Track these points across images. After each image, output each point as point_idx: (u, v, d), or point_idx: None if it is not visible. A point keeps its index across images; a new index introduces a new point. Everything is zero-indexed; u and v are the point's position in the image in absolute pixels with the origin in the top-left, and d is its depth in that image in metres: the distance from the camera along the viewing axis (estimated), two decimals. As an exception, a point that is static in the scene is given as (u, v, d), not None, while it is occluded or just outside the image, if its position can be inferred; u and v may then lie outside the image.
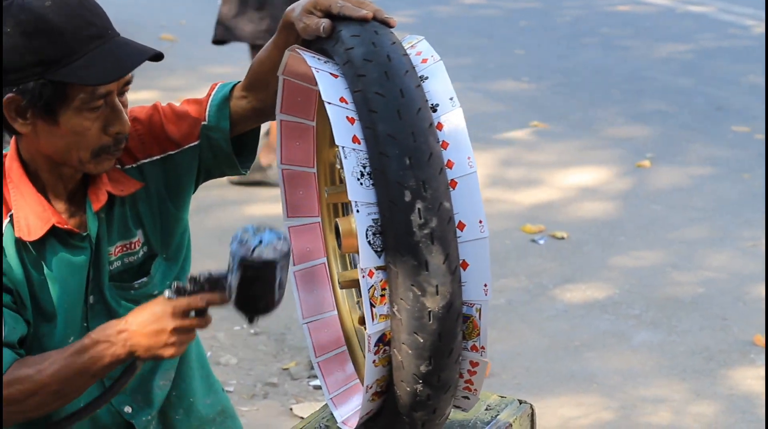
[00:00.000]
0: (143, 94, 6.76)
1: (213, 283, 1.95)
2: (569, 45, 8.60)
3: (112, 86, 2.00)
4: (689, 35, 8.86)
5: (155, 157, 2.18)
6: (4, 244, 2.04)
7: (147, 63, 2.05)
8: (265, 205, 5.43)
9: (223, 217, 5.23)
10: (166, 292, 1.96)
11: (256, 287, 1.88)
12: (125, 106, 2.06)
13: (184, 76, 7.48)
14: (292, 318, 4.25)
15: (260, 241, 1.85)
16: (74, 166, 2.06)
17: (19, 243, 2.05)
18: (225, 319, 4.33)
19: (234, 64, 7.41)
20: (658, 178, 5.86)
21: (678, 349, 4.15)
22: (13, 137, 2.09)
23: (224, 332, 4.26)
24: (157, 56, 2.03)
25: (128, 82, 2.05)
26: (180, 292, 1.96)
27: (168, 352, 1.96)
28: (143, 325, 1.95)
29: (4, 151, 2.13)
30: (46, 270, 2.09)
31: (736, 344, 4.17)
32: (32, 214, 2.05)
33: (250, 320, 1.94)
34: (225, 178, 4.75)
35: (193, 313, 1.97)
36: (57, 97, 1.97)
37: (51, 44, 1.95)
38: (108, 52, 1.98)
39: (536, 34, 8.95)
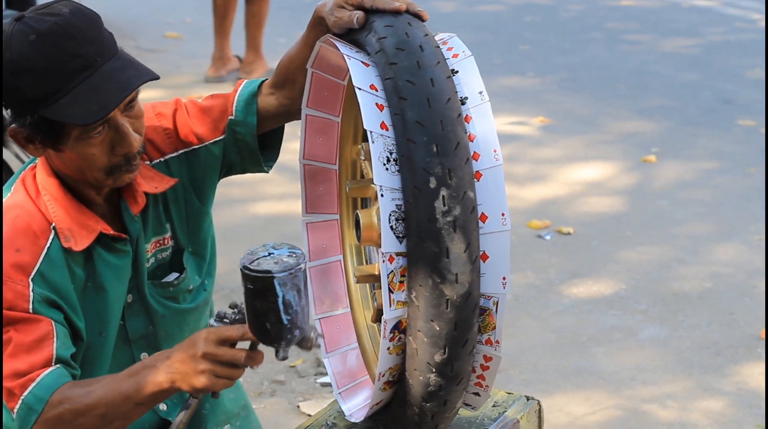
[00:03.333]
0: (149, 93, 6.75)
1: None
2: (574, 40, 8.59)
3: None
4: (695, 29, 8.84)
5: (180, 152, 2.19)
6: (52, 258, 2.01)
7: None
8: (270, 204, 5.43)
9: (228, 215, 5.22)
10: (210, 320, 1.90)
11: (258, 303, 1.77)
12: (137, 116, 2.03)
13: (189, 74, 7.48)
14: (298, 315, 4.25)
15: (269, 254, 1.78)
16: (93, 184, 2.06)
17: (68, 255, 2.03)
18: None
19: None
20: (663, 172, 5.85)
21: (685, 344, 4.15)
22: None
23: (231, 330, 4.26)
24: (151, 79, 2.00)
25: (132, 99, 2.01)
26: (222, 319, 1.88)
27: (200, 381, 1.85)
28: (182, 350, 1.88)
29: (30, 164, 2.12)
30: (95, 279, 2.08)
31: (743, 339, 4.17)
32: (75, 224, 2.04)
33: (276, 352, 1.83)
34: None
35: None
36: (55, 131, 1.96)
37: (36, 83, 1.93)
38: (92, 87, 1.94)
39: (541, 30, 8.94)
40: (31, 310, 1.96)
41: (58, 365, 1.95)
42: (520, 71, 7.75)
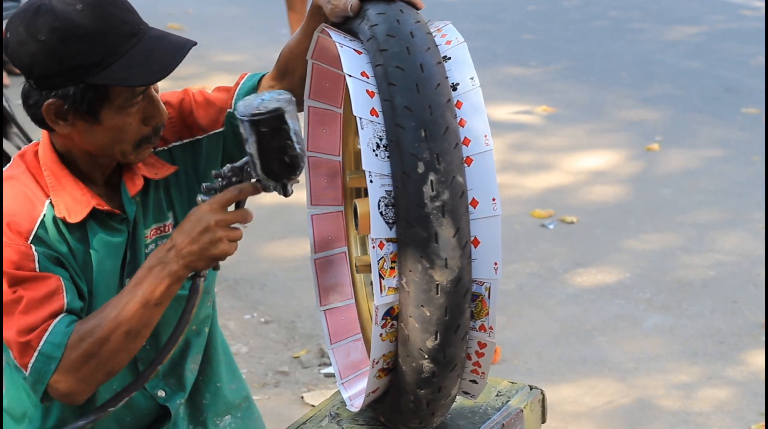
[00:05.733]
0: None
1: (238, 171, 1.93)
2: (578, 29, 8.58)
3: None
4: (698, 17, 8.83)
5: (185, 141, 2.22)
6: (47, 226, 2.05)
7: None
8: (275, 194, 5.43)
9: (233, 206, 5.22)
10: (199, 197, 1.95)
11: (274, 142, 1.85)
12: (157, 90, 2.09)
13: (192, 65, 7.47)
14: (302, 306, 4.25)
15: (261, 100, 1.85)
16: (116, 159, 2.09)
17: (61, 225, 2.07)
18: (234, 309, 4.35)
19: (242, 53, 7.41)
20: (667, 161, 5.85)
21: (689, 332, 4.15)
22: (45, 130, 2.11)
23: (234, 321, 4.27)
24: (194, 44, 2.05)
25: None
26: (210, 190, 1.94)
27: (219, 249, 1.92)
28: (187, 232, 1.93)
29: (34, 141, 2.15)
30: (87, 250, 2.10)
31: (747, 327, 4.17)
32: (71, 199, 2.07)
33: (284, 189, 1.91)
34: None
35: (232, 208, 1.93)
36: (99, 99, 1.99)
37: (89, 49, 1.96)
38: (146, 51, 1.99)
39: (544, 19, 8.92)
40: (38, 269, 2.01)
41: (65, 313, 1.99)
42: (524, 60, 7.75)
